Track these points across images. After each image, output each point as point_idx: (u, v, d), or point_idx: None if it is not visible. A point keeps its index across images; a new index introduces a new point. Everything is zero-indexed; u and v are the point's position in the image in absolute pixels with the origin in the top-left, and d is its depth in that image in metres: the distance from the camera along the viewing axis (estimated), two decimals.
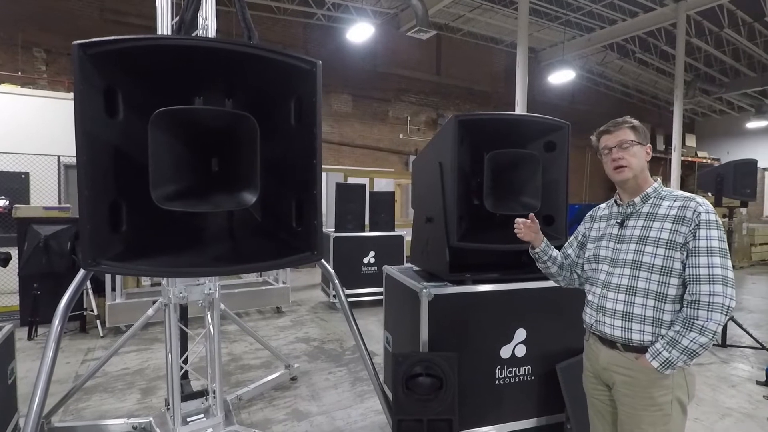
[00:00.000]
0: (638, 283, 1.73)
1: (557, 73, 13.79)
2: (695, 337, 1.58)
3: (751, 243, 12.20)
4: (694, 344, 1.59)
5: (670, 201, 1.74)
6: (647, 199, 1.80)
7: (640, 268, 1.73)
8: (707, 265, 1.60)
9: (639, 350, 1.73)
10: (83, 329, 5.33)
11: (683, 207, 1.69)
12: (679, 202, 1.72)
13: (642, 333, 1.71)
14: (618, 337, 1.77)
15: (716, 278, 1.58)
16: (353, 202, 6.85)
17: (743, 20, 12.45)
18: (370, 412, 3.49)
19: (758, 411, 3.59)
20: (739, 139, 19.79)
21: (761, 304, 7.46)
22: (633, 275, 1.75)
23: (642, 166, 1.81)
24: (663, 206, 1.75)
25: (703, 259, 1.61)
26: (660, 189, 1.82)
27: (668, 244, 1.68)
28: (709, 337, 1.58)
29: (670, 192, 1.80)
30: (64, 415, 3.37)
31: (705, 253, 1.62)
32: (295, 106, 1.76)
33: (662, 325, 1.69)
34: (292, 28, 12.78)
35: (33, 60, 9.82)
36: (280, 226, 1.84)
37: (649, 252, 1.72)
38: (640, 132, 1.81)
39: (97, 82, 1.49)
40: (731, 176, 5.03)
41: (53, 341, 2.21)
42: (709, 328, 1.57)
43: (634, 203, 1.83)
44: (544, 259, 2.13)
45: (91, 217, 1.49)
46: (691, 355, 1.61)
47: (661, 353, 1.64)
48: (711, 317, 1.57)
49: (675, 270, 1.67)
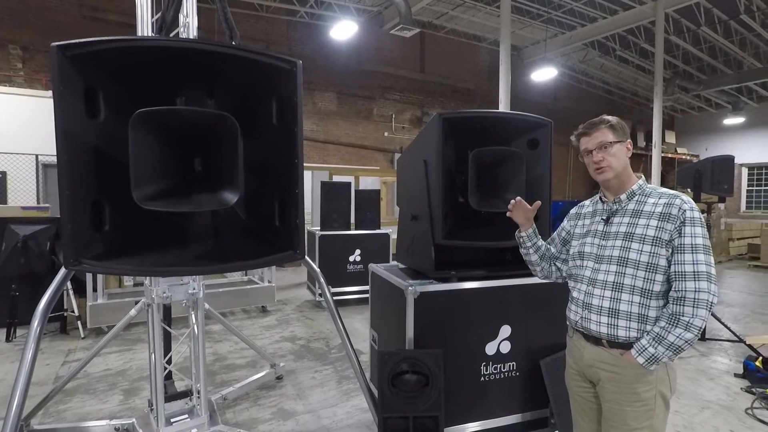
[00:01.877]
0: (624, 279, 1.75)
1: (540, 70, 13.90)
2: (681, 333, 1.61)
3: (729, 238, 12.47)
4: (680, 340, 1.62)
5: (655, 198, 1.76)
6: (633, 196, 1.82)
7: (626, 265, 1.75)
8: (692, 262, 1.63)
9: (624, 346, 1.74)
10: (64, 330, 5.23)
11: (669, 204, 1.71)
12: (665, 199, 1.73)
13: (628, 329, 1.73)
14: (604, 333, 1.78)
15: (701, 275, 1.61)
16: (338, 200, 6.83)
17: (719, 18, 12.68)
18: (357, 410, 3.49)
19: (736, 403, 3.67)
20: (717, 136, 20.19)
21: (739, 298, 7.63)
22: (619, 272, 1.77)
23: (624, 164, 1.82)
24: (648, 203, 1.77)
25: (689, 256, 1.64)
26: (645, 186, 1.83)
27: (654, 241, 1.70)
28: (694, 333, 1.61)
29: (654, 189, 1.81)
30: (44, 418, 3.31)
31: (690, 251, 1.64)
32: (276, 105, 1.75)
33: (647, 321, 1.71)
34: (275, 26, 12.68)
35: (9, 57, 9.58)
36: (263, 225, 1.84)
37: (635, 248, 1.74)
38: (618, 129, 1.82)
39: (77, 84, 1.47)
40: (709, 172, 5.13)
41: (32, 342, 2.17)
42: (695, 324, 1.60)
43: (620, 200, 1.84)
44: (528, 245, 2.15)
45: (72, 216, 1.47)
46: (676, 351, 1.64)
47: (647, 349, 1.66)
48: (696, 313, 1.59)
49: (660, 266, 1.69)
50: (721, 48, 14.70)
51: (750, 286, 8.70)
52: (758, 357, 4.16)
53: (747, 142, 19.04)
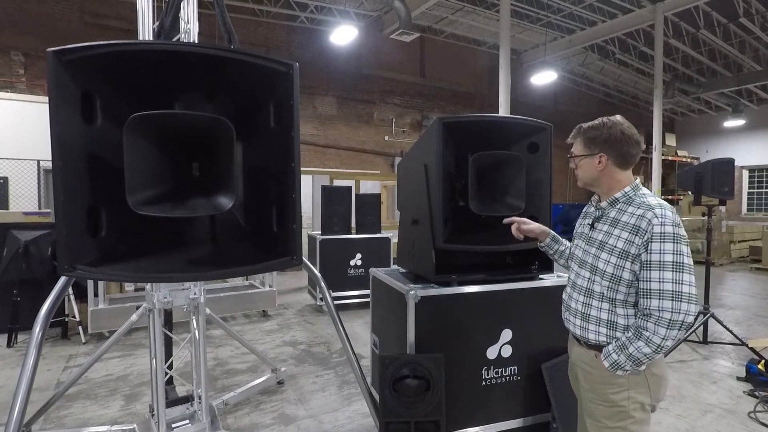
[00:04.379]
0: (594, 286, 1.80)
1: (539, 74, 13.93)
2: (640, 346, 1.62)
3: (730, 240, 12.44)
4: (638, 353, 1.62)
5: (635, 208, 1.72)
6: (615, 204, 1.81)
7: (595, 273, 1.79)
8: (658, 280, 1.61)
9: (597, 348, 1.79)
10: (65, 336, 5.22)
11: (641, 217, 1.67)
12: (640, 210, 1.69)
13: (597, 333, 1.79)
14: (578, 335, 1.87)
15: (665, 294, 1.59)
16: (339, 204, 6.83)
17: (719, 21, 12.72)
18: (358, 414, 3.49)
19: (739, 406, 3.65)
20: (718, 138, 20.21)
21: (741, 301, 7.61)
22: (591, 278, 1.81)
23: (591, 176, 1.85)
24: (627, 213, 1.74)
25: (655, 273, 1.62)
26: (632, 193, 1.78)
27: (620, 254, 1.71)
28: (653, 348, 1.60)
29: (641, 197, 1.75)
30: (45, 423, 3.30)
31: (657, 267, 1.62)
32: (274, 109, 1.75)
33: (617, 328, 1.74)
34: (275, 31, 12.73)
35: (11, 63, 9.63)
36: (260, 230, 1.83)
37: (603, 259, 1.76)
38: (590, 141, 1.83)
39: (73, 89, 1.47)
40: (710, 175, 5.11)
41: (34, 348, 2.17)
42: (653, 341, 1.59)
43: (602, 207, 1.86)
44: (551, 254, 2.22)
45: (67, 222, 1.47)
46: (635, 362, 1.65)
47: (611, 355, 1.70)
48: (656, 331, 1.59)
49: (624, 279, 1.70)
50: (720, 51, 14.75)
51: (752, 289, 8.68)
52: (761, 360, 4.15)
53: (747, 144, 19.08)
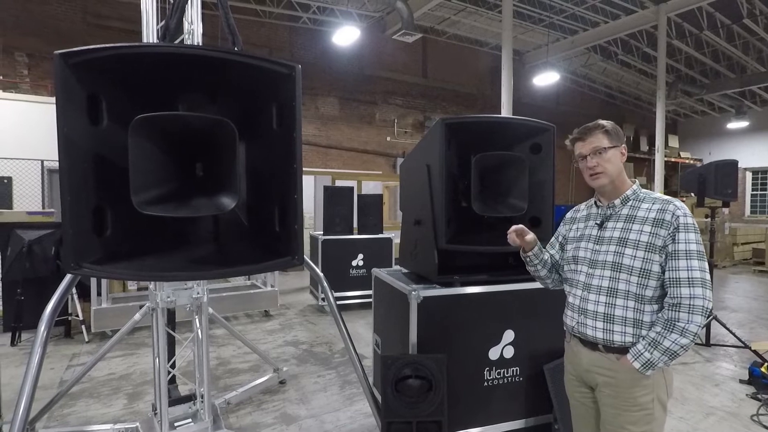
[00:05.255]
0: (618, 284, 1.76)
1: (542, 75, 13.91)
2: (676, 338, 1.61)
3: (733, 242, 12.41)
4: (676, 345, 1.62)
5: (649, 203, 1.76)
6: (627, 201, 1.83)
7: (620, 270, 1.75)
8: (687, 268, 1.63)
9: (620, 351, 1.75)
10: (68, 334, 5.25)
11: (662, 210, 1.71)
12: (658, 204, 1.74)
13: (623, 334, 1.74)
14: (600, 338, 1.79)
15: (695, 281, 1.62)
16: (341, 204, 6.85)
17: (722, 22, 12.69)
18: (360, 414, 3.49)
19: (742, 409, 3.65)
20: (721, 140, 20.14)
21: (744, 303, 7.59)
22: (613, 277, 1.77)
23: (619, 169, 1.82)
24: (642, 209, 1.77)
25: (683, 262, 1.64)
26: (639, 191, 1.84)
27: (647, 247, 1.70)
28: (689, 338, 1.61)
29: (648, 194, 1.82)
30: (49, 422, 3.32)
31: (684, 257, 1.65)
32: (276, 110, 1.77)
33: (642, 326, 1.72)
34: (277, 32, 12.75)
35: (15, 64, 9.67)
36: (263, 231, 1.84)
37: (628, 254, 1.74)
38: (612, 134, 1.82)
39: (79, 91, 1.49)
40: (713, 177, 5.11)
41: (39, 346, 2.18)
42: (690, 329, 1.60)
43: (614, 205, 1.85)
44: (535, 263, 2.12)
45: (73, 221, 1.49)
46: (672, 356, 1.64)
47: (643, 354, 1.67)
48: (692, 319, 1.60)
49: (653, 272, 1.70)
50: (724, 52, 14.70)
51: (755, 291, 8.66)
52: (764, 363, 4.14)
53: (751, 146, 19.00)
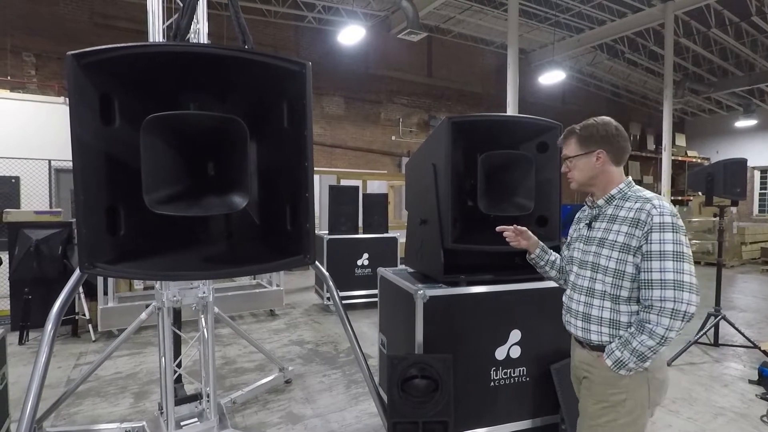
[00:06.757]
0: (596, 285, 1.77)
1: (548, 73, 13.87)
2: (644, 339, 1.60)
3: (742, 242, 12.31)
4: (642, 346, 1.60)
5: (632, 203, 1.73)
6: (611, 201, 1.81)
7: (597, 271, 1.77)
8: (660, 270, 1.60)
9: (600, 349, 1.77)
10: (75, 333, 5.28)
11: (640, 210, 1.67)
12: (638, 204, 1.70)
13: (600, 334, 1.76)
14: (581, 336, 1.84)
15: (667, 283, 1.57)
16: (346, 204, 6.86)
17: (730, 20, 12.59)
18: (365, 414, 3.49)
19: (751, 410, 3.61)
20: (729, 138, 19.98)
21: (753, 303, 7.53)
22: (592, 277, 1.79)
23: (588, 176, 1.82)
24: (624, 208, 1.74)
25: (656, 263, 1.61)
26: (626, 189, 1.79)
27: (622, 248, 1.69)
28: (656, 341, 1.58)
29: (635, 193, 1.77)
30: (56, 420, 3.34)
31: (657, 258, 1.61)
32: (287, 108, 1.76)
33: (620, 326, 1.72)
34: (283, 31, 12.77)
35: (22, 64, 9.73)
36: (274, 229, 1.84)
37: (605, 255, 1.74)
38: (587, 140, 1.80)
39: (92, 91, 1.50)
40: (721, 176, 5.05)
41: (46, 345, 2.18)
42: (657, 332, 1.57)
43: (598, 205, 1.84)
44: (541, 264, 2.15)
45: (86, 221, 1.50)
46: (640, 357, 1.62)
47: (614, 352, 1.68)
48: (660, 321, 1.57)
49: (627, 273, 1.68)
50: (732, 50, 14.58)
51: (764, 291, 8.58)
52: None
53: (759, 144, 18.83)
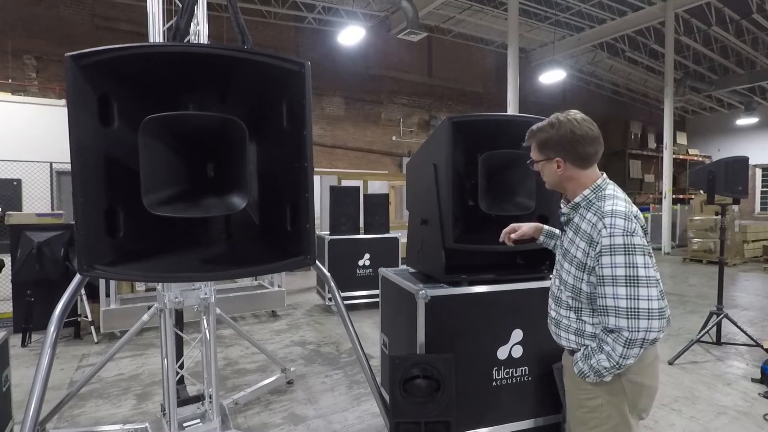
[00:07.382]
0: (561, 294, 1.77)
1: (548, 73, 13.86)
2: (601, 359, 1.58)
3: (743, 240, 12.27)
4: (599, 365, 1.58)
5: (592, 215, 1.61)
6: (576, 209, 1.71)
7: (560, 281, 1.77)
8: (613, 296, 1.53)
9: (572, 353, 1.77)
10: (77, 335, 5.29)
11: (593, 226, 1.58)
12: (595, 218, 1.59)
13: (568, 340, 1.76)
14: (556, 341, 1.86)
15: (620, 311, 1.51)
16: (347, 204, 6.85)
17: (731, 18, 12.58)
18: (367, 415, 3.49)
19: (754, 409, 3.60)
20: (730, 136, 19.96)
21: (755, 301, 7.51)
22: (559, 286, 1.79)
23: (553, 181, 1.77)
24: (585, 220, 1.64)
25: (609, 288, 1.53)
26: (591, 196, 1.67)
27: (579, 265, 1.64)
28: (611, 364, 1.55)
29: (599, 201, 1.64)
30: (59, 422, 3.34)
31: (610, 283, 1.53)
32: (286, 108, 1.76)
33: (585, 335, 1.70)
34: (283, 32, 12.78)
35: (23, 67, 9.75)
36: (274, 230, 1.84)
37: (566, 269, 1.72)
38: (543, 145, 1.73)
39: (91, 93, 1.50)
40: (723, 174, 5.04)
41: (49, 347, 2.18)
42: (613, 357, 1.54)
43: (565, 213, 1.78)
44: (552, 245, 2.18)
45: (85, 223, 1.50)
46: (597, 374, 1.60)
47: (578, 362, 1.68)
48: (614, 348, 1.53)
49: (583, 291, 1.65)
50: (732, 48, 14.57)
51: (766, 289, 8.56)
52: None
53: (761, 142, 18.82)
